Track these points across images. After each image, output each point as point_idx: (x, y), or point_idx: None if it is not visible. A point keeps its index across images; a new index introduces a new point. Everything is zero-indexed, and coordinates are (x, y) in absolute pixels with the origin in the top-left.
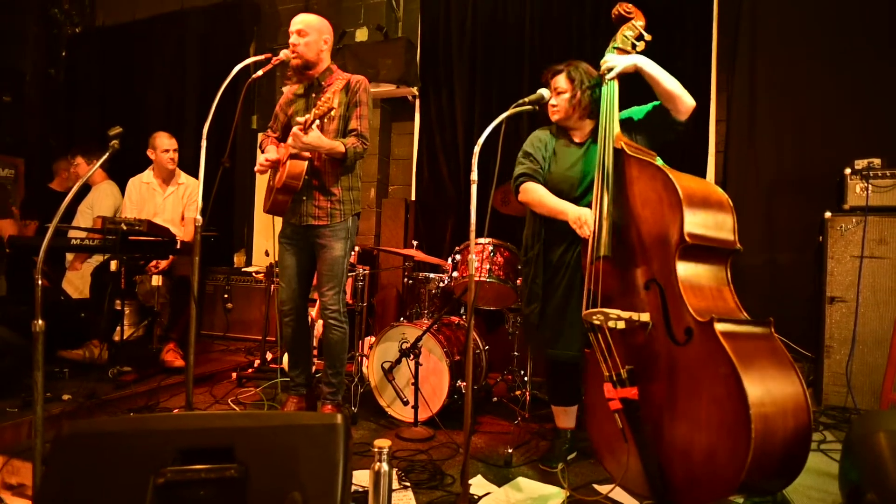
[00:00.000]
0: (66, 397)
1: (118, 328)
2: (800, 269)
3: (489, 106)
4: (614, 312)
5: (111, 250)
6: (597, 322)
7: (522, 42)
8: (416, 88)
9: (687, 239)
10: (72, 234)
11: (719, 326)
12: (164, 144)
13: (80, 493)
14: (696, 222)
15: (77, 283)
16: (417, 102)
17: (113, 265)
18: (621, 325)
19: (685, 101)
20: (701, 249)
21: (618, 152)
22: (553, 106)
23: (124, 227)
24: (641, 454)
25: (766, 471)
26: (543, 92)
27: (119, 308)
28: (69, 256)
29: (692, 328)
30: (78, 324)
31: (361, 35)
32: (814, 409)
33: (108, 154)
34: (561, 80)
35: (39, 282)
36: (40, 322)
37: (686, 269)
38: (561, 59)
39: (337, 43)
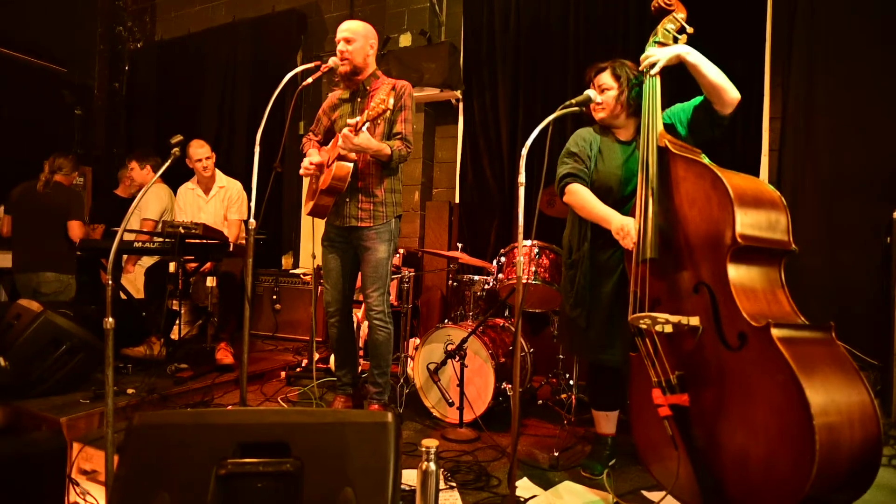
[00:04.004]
0: (130, 391)
1: (175, 327)
2: (864, 271)
3: (533, 108)
4: (662, 316)
5: (170, 252)
6: (644, 326)
7: (566, 43)
8: (459, 92)
9: (739, 240)
10: (129, 237)
11: (776, 332)
12: (198, 154)
13: (150, 479)
14: (749, 223)
15: (128, 285)
16: (461, 106)
17: (172, 267)
18: (668, 329)
19: (729, 92)
20: (753, 251)
21: (662, 150)
22: (598, 104)
23: (182, 231)
24: (693, 462)
25: (832, 483)
26: (590, 93)
27: (176, 308)
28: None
29: (746, 333)
30: (139, 322)
31: (405, 40)
32: (883, 421)
33: (170, 161)
34: (606, 77)
35: (110, 282)
36: (110, 320)
37: (738, 272)
38: (606, 59)
39: (381, 49)
